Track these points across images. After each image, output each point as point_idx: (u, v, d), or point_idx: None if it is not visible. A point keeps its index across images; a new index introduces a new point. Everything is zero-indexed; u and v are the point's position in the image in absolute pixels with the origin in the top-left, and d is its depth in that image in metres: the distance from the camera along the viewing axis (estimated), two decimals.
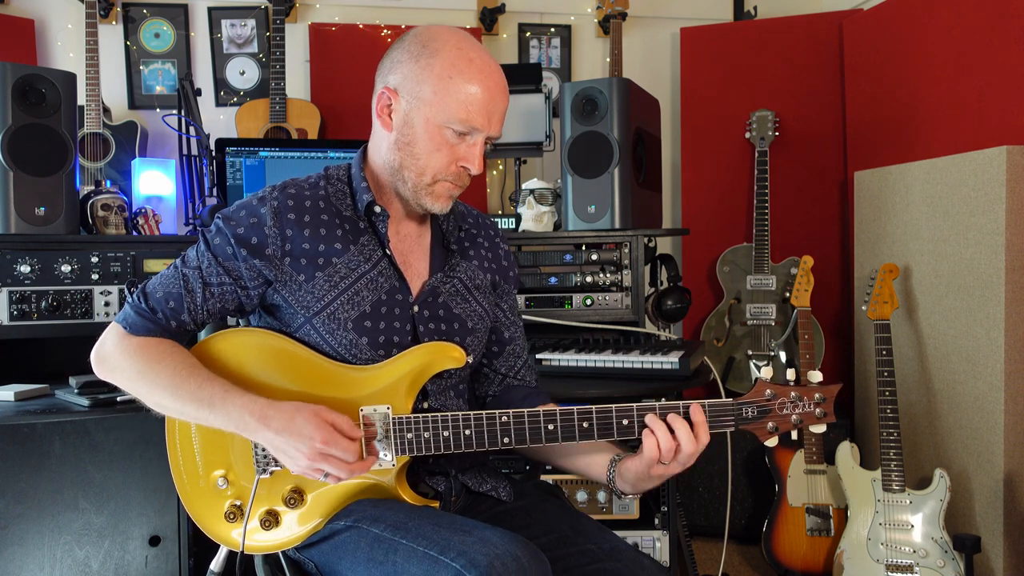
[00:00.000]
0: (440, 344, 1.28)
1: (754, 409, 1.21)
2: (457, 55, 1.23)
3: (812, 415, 1.22)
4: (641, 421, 1.20)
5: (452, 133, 1.24)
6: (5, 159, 1.98)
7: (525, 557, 1.06)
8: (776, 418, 1.21)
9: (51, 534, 1.88)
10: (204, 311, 1.27)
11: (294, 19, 3.20)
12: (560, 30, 3.40)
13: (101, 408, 1.76)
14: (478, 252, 1.44)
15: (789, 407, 1.21)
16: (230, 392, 1.19)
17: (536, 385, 1.51)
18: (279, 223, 1.26)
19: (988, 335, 2.20)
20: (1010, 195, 2.13)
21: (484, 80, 1.24)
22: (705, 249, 3.21)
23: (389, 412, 1.23)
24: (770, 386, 1.22)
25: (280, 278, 1.27)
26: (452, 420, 1.22)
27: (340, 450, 1.15)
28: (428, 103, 1.24)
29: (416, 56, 1.25)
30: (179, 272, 1.28)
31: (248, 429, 1.18)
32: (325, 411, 1.18)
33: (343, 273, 1.28)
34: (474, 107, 1.23)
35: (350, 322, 1.27)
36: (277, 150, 2.42)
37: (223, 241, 1.27)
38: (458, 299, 1.38)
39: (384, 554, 1.13)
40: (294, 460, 1.17)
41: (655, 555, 2.19)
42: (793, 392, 1.22)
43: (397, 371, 1.26)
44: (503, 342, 1.47)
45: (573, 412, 1.21)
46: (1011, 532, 2.18)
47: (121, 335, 1.26)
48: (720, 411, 1.21)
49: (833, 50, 3.14)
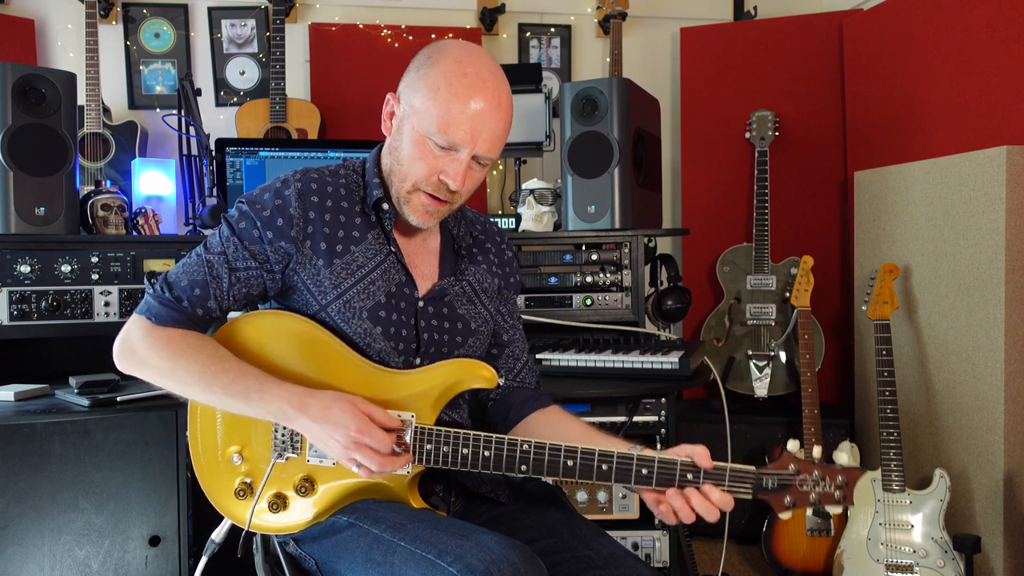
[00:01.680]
0: (473, 362, 1.28)
1: (775, 481, 1.20)
2: (453, 68, 1.22)
3: (832, 496, 1.20)
4: (661, 474, 1.18)
5: (434, 145, 1.23)
6: (5, 159, 1.98)
7: (522, 563, 1.06)
8: (795, 494, 1.20)
9: (51, 534, 1.88)
10: (231, 296, 1.27)
11: (294, 19, 3.20)
12: (560, 30, 3.40)
13: (101, 408, 1.77)
14: (487, 257, 1.46)
15: (810, 485, 1.20)
16: (265, 384, 1.19)
17: (536, 387, 1.51)
18: (303, 205, 1.27)
19: (988, 335, 2.20)
20: (1010, 195, 2.13)
21: (473, 95, 1.21)
22: (705, 249, 3.20)
23: (413, 420, 1.23)
24: (795, 461, 1.20)
25: (300, 260, 1.27)
26: (473, 439, 1.22)
27: (375, 440, 1.15)
28: (417, 112, 1.24)
29: (419, 65, 1.26)
30: (203, 259, 1.27)
31: (287, 418, 1.18)
32: (362, 402, 1.18)
33: (360, 262, 1.29)
34: (457, 121, 1.21)
35: (365, 311, 1.27)
36: (277, 150, 2.42)
37: (249, 224, 1.27)
38: (464, 301, 1.39)
39: (382, 555, 1.14)
40: (329, 448, 1.17)
41: (655, 555, 2.19)
42: (816, 471, 1.20)
43: (428, 381, 1.26)
44: (502, 344, 1.48)
45: (594, 454, 1.20)
46: (1011, 532, 2.18)
47: (147, 328, 1.24)
48: (740, 477, 1.19)
49: (833, 50, 3.14)
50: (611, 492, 2.22)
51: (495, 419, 1.45)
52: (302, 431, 1.19)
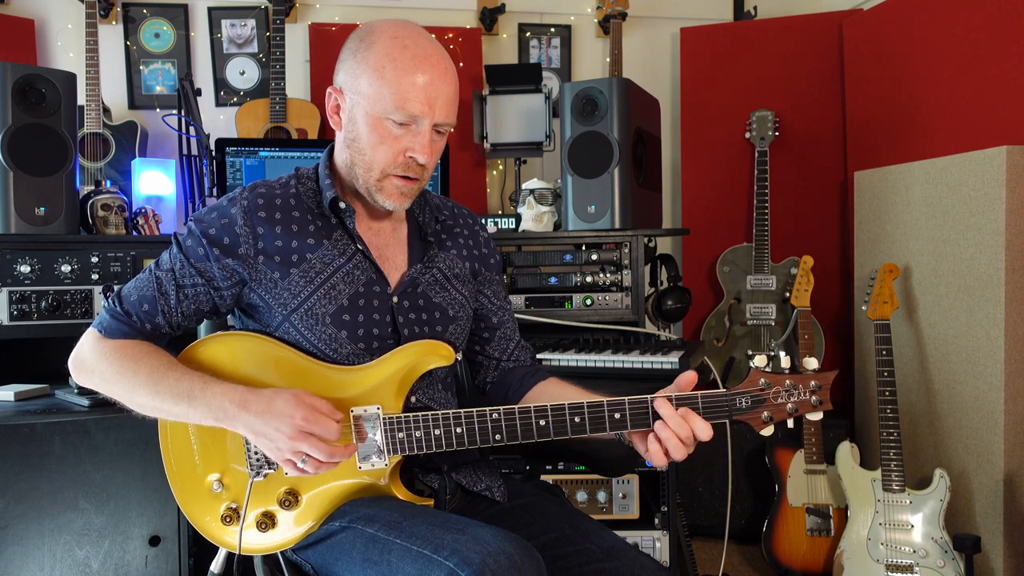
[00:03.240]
0: (428, 343, 1.28)
1: (748, 399, 1.18)
2: (391, 44, 1.22)
3: (808, 403, 1.18)
4: (634, 414, 1.19)
5: (393, 124, 1.23)
6: (5, 159, 1.98)
7: (518, 555, 1.06)
8: (771, 407, 1.18)
9: (51, 534, 1.88)
10: (179, 313, 1.28)
11: (294, 19, 3.20)
12: (560, 30, 3.40)
13: (101, 408, 1.77)
14: (456, 242, 1.44)
15: (784, 396, 1.18)
16: (209, 383, 1.19)
17: (532, 363, 1.51)
18: (250, 222, 1.27)
19: (988, 335, 2.20)
20: (1010, 195, 2.13)
21: (419, 65, 1.22)
22: (705, 249, 3.20)
23: (379, 412, 1.23)
24: (764, 375, 1.18)
25: (255, 277, 1.27)
26: (443, 419, 1.21)
27: (321, 428, 1.14)
28: (366, 96, 1.23)
29: (354, 51, 1.26)
30: (152, 275, 1.28)
31: (228, 416, 1.17)
32: (305, 394, 1.17)
33: (318, 268, 1.28)
34: (411, 94, 1.21)
35: (328, 316, 1.27)
36: (277, 150, 2.42)
37: (195, 243, 1.27)
38: (437, 288, 1.38)
39: (379, 554, 1.13)
40: (275, 442, 1.15)
41: (655, 555, 2.19)
42: (788, 380, 1.18)
43: (386, 371, 1.26)
44: (492, 327, 1.48)
45: (564, 407, 1.19)
46: (1011, 532, 2.18)
47: (97, 339, 1.27)
48: (713, 403, 1.18)
49: (833, 50, 3.14)
50: (611, 492, 2.22)
51: (495, 401, 1.45)
52: (244, 429, 1.17)
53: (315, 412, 1.15)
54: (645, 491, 2.28)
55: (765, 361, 1.20)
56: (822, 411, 1.19)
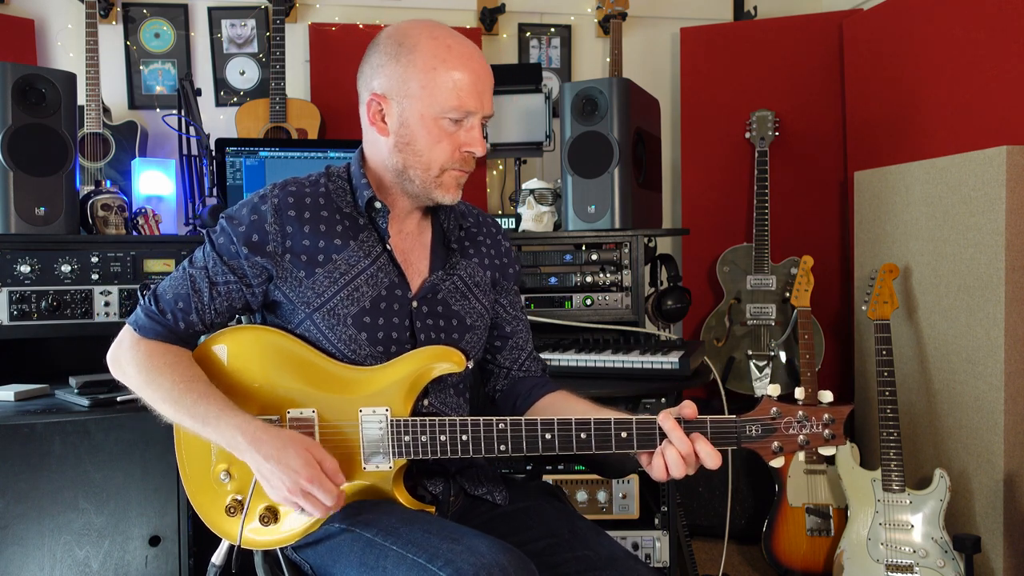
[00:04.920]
0: (440, 348, 1.28)
1: (758, 427, 1.15)
2: (435, 45, 1.25)
3: (820, 436, 1.14)
4: (640, 434, 1.18)
5: (449, 122, 1.26)
6: (5, 159, 1.98)
7: (512, 567, 1.06)
8: (781, 438, 1.15)
9: (51, 534, 1.88)
10: (212, 310, 1.29)
11: (294, 19, 3.20)
12: (560, 30, 3.40)
13: (101, 408, 1.76)
14: (479, 250, 1.45)
15: (796, 427, 1.14)
16: (224, 411, 1.20)
17: (543, 375, 1.51)
18: (279, 220, 1.27)
19: (988, 335, 2.20)
20: (1010, 195, 2.13)
21: (467, 63, 1.26)
22: (705, 249, 3.20)
23: (388, 414, 1.23)
24: (776, 404, 1.15)
25: (280, 274, 1.28)
26: (450, 425, 1.22)
27: (322, 492, 1.15)
28: (419, 99, 1.25)
29: (395, 56, 1.26)
30: (186, 273, 1.30)
31: (238, 449, 1.19)
32: (316, 448, 1.19)
33: (343, 269, 1.29)
34: (464, 92, 1.25)
35: (350, 318, 1.27)
36: (277, 150, 2.42)
37: (227, 240, 1.28)
38: (457, 296, 1.38)
39: (375, 559, 1.14)
40: (275, 488, 1.17)
41: (655, 555, 2.19)
42: (800, 411, 1.14)
43: (397, 373, 1.26)
44: (505, 336, 1.48)
45: (571, 423, 1.19)
46: (1011, 532, 2.18)
47: (134, 340, 1.29)
48: (722, 429, 1.16)
49: (833, 50, 3.14)
50: (611, 492, 2.22)
51: (504, 410, 1.45)
52: (251, 464, 1.19)
53: (320, 476, 1.15)
54: (645, 491, 2.28)
55: (778, 390, 1.18)
56: (835, 447, 1.15)
